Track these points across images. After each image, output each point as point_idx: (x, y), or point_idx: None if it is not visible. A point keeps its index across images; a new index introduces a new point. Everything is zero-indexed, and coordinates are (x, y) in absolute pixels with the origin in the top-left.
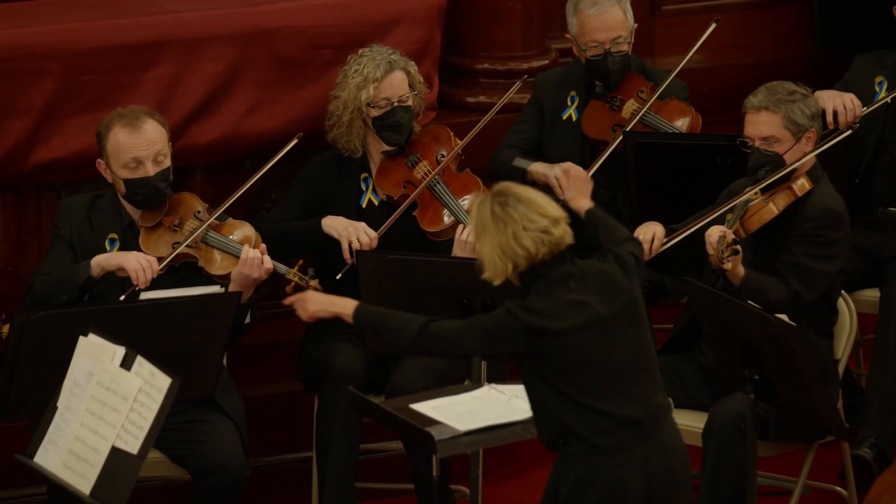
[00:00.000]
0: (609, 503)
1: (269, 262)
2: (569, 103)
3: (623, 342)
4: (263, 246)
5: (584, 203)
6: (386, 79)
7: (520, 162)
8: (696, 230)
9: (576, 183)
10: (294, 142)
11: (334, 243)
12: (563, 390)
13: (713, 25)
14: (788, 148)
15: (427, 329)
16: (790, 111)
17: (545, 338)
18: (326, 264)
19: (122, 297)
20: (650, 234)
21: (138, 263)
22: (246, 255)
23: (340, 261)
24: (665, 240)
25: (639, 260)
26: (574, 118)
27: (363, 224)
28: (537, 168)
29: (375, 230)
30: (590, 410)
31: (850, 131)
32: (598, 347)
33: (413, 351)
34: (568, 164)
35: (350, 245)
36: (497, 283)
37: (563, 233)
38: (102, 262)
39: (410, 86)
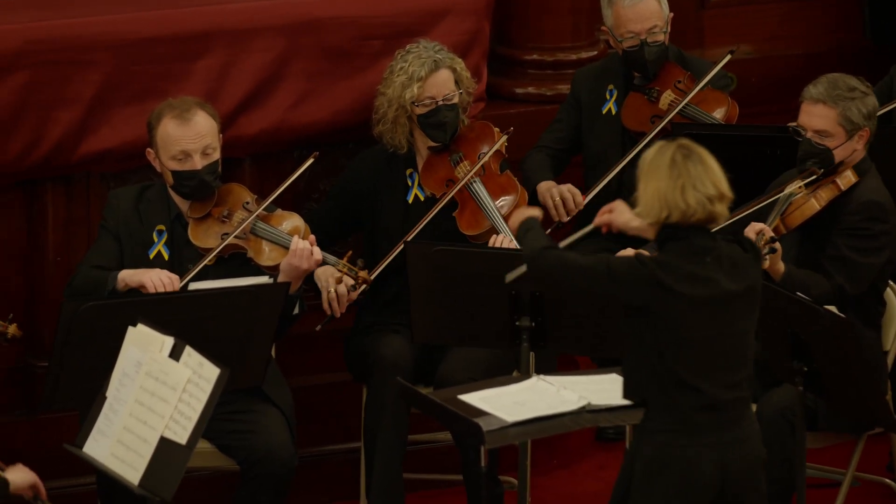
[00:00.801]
0: (682, 485)
1: (318, 253)
2: (608, 97)
3: (731, 329)
4: (313, 237)
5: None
6: (431, 78)
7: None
8: (736, 221)
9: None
10: (310, 161)
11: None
12: (661, 357)
13: (728, 56)
14: (839, 144)
15: (554, 250)
16: (847, 108)
17: (665, 297)
18: (368, 256)
19: None
20: None
21: (159, 281)
22: (296, 245)
23: (383, 254)
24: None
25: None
26: (613, 112)
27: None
28: (542, 188)
29: (414, 224)
30: (684, 384)
31: None
32: (709, 327)
33: (533, 262)
34: (565, 188)
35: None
36: (645, 223)
37: (722, 211)
38: (126, 277)
39: (457, 83)
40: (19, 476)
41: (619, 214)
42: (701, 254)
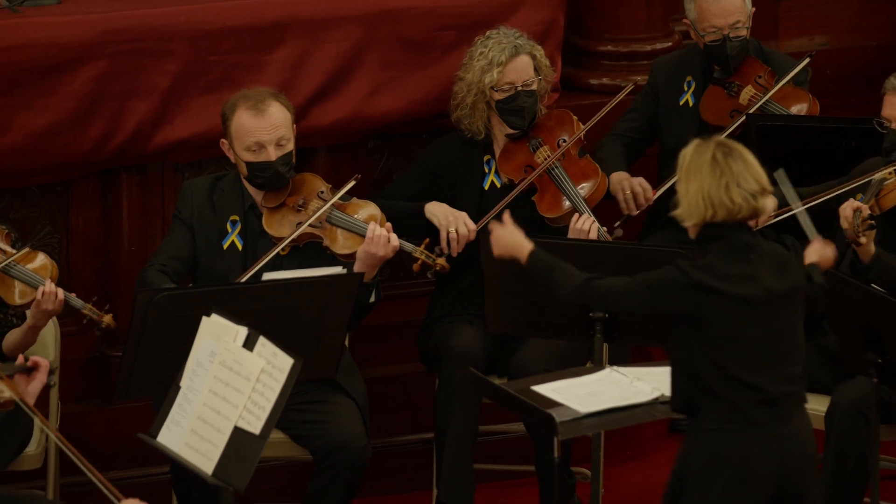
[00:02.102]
0: (739, 482)
1: (395, 240)
2: (685, 88)
3: (779, 325)
4: (389, 224)
5: None
6: (511, 63)
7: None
8: (823, 201)
9: None
10: (352, 184)
11: (435, 229)
12: (712, 358)
13: (806, 59)
14: None
15: (590, 283)
16: None
17: (712, 300)
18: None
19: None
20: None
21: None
22: (373, 232)
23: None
24: (780, 212)
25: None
26: (691, 103)
27: (464, 214)
28: (614, 179)
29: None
30: (738, 381)
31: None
32: (756, 325)
33: (574, 301)
34: (637, 182)
35: (448, 235)
36: (688, 224)
37: (764, 206)
38: None
39: (536, 70)
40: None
41: None
42: (744, 251)
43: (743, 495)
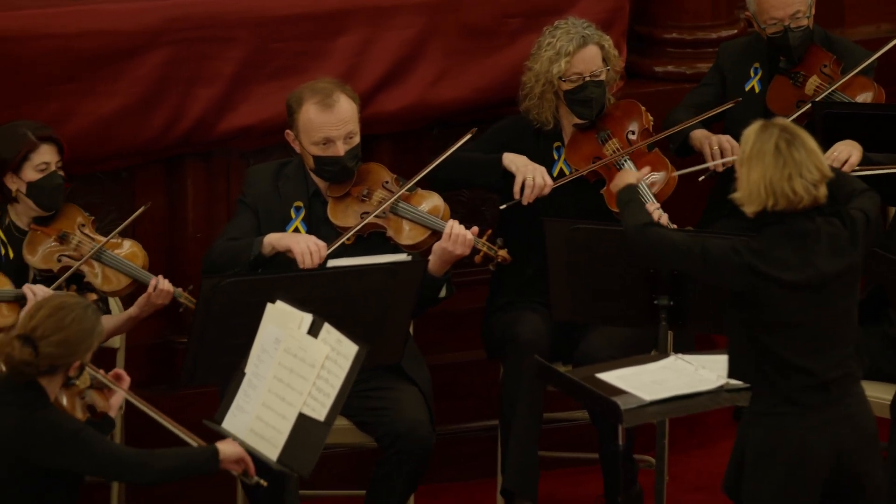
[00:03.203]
0: (795, 466)
1: (472, 239)
2: (752, 75)
3: (832, 308)
4: (455, 221)
5: None
6: (578, 53)
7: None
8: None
9: None
10: (468, 136)
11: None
12: (762, 341)
13: (875, 56)
14: None
15: (648, 227)
16: None
17: (762, 284)
18: (505, 225)
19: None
20: (846, 155)
21: (307, 247)
22: (450, 229)
23: (521, 226)
24: (861, 169)
25: (869, 218)
26: (757, 90)
27: (543, 168)
28: (695, 135)
29: (563, 202)
30: (789, 366)
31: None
32: (807, 310)
33: (632, 238)
34: (724, 138)
35: (523, 183)
36: (747, 210)
37: (824, 193)
38: (274, 241)
39: (604, 60)
40: (230, 448)
41: None
42: (801, 237)
43: (801, 479)
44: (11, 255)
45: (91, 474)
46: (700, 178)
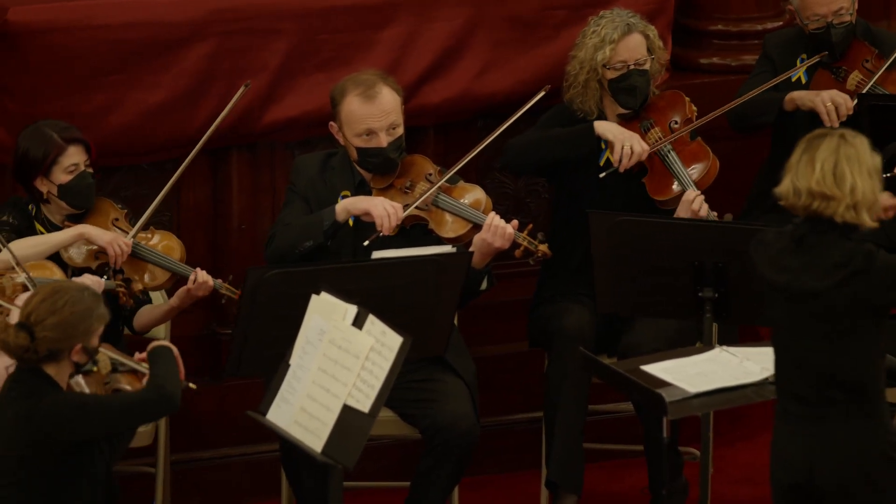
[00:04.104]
0: (776, 466)
1: (513, 232)
2: (798, 65)
3: (812, 328)
4: (496, 214)
5: None
6: (623, 41)
7: None
8: None
9: None
10: (541, 94)
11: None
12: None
13: None
14: None
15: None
16: None
17: (762, 275)
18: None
19: (366, 243)
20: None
21: (384, 209)
22: (491, 221)
23: (566, 214)
24: None
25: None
26: (803, 80)
27: (637, 135)
28: (802, 95)
29: (611, 191)
30: (778, 365)
31: None
32: (786, 317)
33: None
34: (834, 93)
35: (623, 149)
36: (784, 203)
37: (835, 211)
38: (349, 205)
39: (649, 50)
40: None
41: None
42: (796, 240)
43: (779, 480)
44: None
45: (119, 431)
46: None
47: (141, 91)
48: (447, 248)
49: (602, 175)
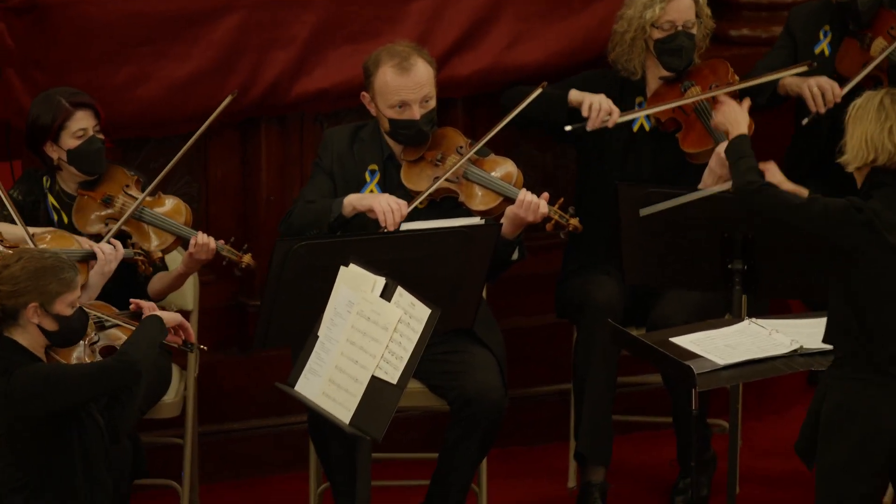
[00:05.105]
0: (866, 434)
1: (544, 207)
2: (821, 37)
3: None
4: (527, 191)
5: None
6: (673, 1)
7: None
8: None
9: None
10: (538, 91)
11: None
12: (864, 307)
13: None
14: None
15: (767, 187)
16: None
17: (876, 244)
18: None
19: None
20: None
21: (388, 205)
22: (523, 197)
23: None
24: None
25: None
26: (827, 53)
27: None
28: (790, 81)
29: (642, 154)
30: (882, 335)
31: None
32: None
33: (740, 193)
34: (822, 79)
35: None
36: (851, 168)
37: None
38: (354, 201)
39: (697, 15)
40: (168, 315)
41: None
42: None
43: (871, 448)
44: (66, 220)
45: (88, 400)
46: (804, 123)
47: (170, 63)
48: (476, 220)
49: (567, 128)
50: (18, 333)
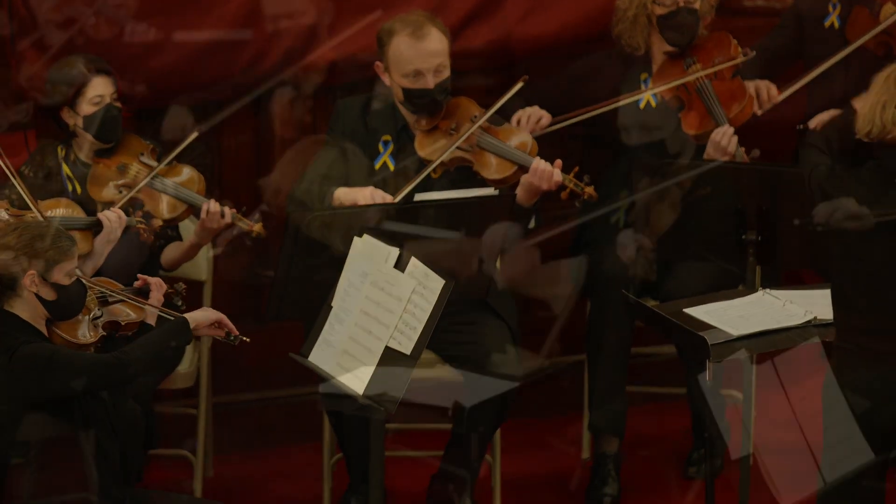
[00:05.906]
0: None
1: (558, 175)
2: (830, 10)
3: None
4: (558, 161)
5: None
6: None
7: None
8: None
9: None
10: (519, 85)
11: None
12: (836, 275)
13: None
14: None
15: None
16: None
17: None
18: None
19: None
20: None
21: (372, 199)
22: (537, 165)
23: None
24: None
25: None
26: (837, 25)
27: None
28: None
29: (654, 132)
30: (851, 302)
31: None
32: (874, 248)
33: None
34: (759, 81)
35: None
36: (860, 135)
37: None
38: (341, 195)
39: None
40: (201, 315)
41: None
42: (888, 173)
43: (881, 422)
44: (79, 190)
45: (80, 388)
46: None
47: (184, 33)
48: (490, 191)
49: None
50: (18, 305)
